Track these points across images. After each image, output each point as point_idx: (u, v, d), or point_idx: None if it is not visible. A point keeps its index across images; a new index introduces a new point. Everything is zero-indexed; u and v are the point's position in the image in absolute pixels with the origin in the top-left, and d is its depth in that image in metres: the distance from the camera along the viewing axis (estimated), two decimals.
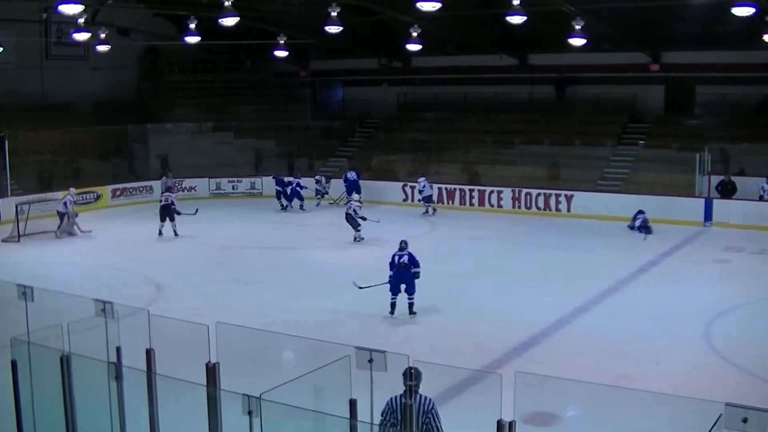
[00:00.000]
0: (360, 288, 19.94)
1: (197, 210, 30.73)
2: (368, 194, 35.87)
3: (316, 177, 37.99)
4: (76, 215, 30.65)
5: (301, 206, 35.60)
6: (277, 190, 36.14)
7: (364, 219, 28.91)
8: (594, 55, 36.44)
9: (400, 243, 19.69)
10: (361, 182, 36.80)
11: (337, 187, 37.46)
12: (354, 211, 28.90)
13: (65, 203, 30.05)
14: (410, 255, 19.36)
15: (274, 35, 36.36)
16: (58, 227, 29.85)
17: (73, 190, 31.61)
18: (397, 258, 19.36)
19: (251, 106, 46.06)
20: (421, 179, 35.03)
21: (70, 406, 10.08)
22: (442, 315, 19.50)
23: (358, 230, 28.75)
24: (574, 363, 15.38)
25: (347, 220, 28.82)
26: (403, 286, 19.23)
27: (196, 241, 29.55)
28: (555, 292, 21.40)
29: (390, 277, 19.38)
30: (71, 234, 29.96)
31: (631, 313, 19.42)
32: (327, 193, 37.37)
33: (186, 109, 45.68)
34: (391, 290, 19.29)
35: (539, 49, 39.52)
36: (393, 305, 19.19)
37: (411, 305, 19.18)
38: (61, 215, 29.88)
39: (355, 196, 32.33)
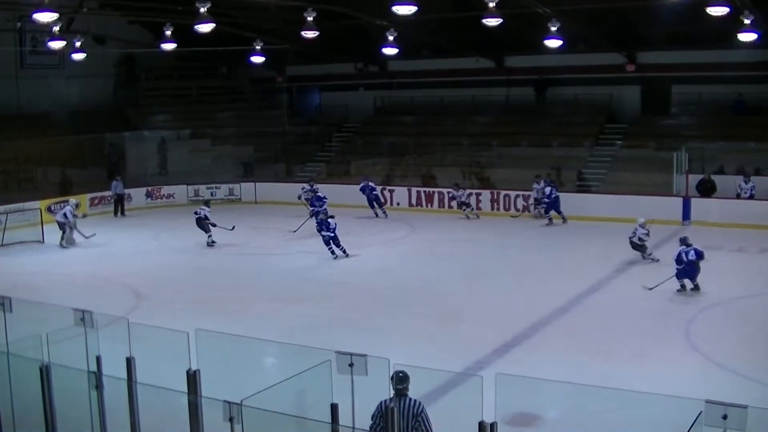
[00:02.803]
0: (649, 289, 20.58)
1: (234, 227, 30.39)
2: (347, 199, 35.95)
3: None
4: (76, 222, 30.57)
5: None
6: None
7: (214, 225, 29.11)
8: (570, 57, 36.60)
9: (683, 239, 20.89)
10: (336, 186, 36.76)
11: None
12: (205, 216, 29.11)
13: (65, 214, 29.88)
14: (696, 250, 20.38)
15: (250, 41, 36.35)
16: (62, 238, 29.69)
17: (71, 200, 31.52)
18: (684, 254, 20.34)
19: (228, 112, 46.03)
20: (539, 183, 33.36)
21: (50, 416, 10.04)
22: (422, 318, 19.49)
23: (210, 236, 29.14)
24: (554, 363, 15.41)
25: (198, 225, 29.19)
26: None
27: (175, 248, 29.46)
28: (535, 293, 21.45)
29: (678, 271, 20.48)
30: (73, 244, 29.78)
31: (611, 312, 19.50)
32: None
33: (163, 116, 45.59)
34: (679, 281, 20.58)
35: (516, 51, 39.66)
36: (683, 286, 20.65)
37: (697, 286, 20.60)
38: (62, 225, 29.73)
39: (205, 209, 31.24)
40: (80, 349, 10.11)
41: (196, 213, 29.55)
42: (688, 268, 20.36)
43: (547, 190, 31.95)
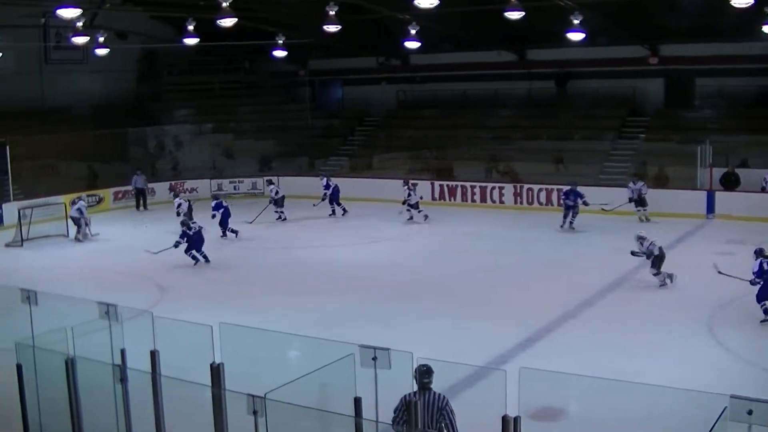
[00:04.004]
0: (720, 273, 19.01)
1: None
2: (370, 193, 36.02)
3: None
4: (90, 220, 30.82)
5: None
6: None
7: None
8: (592, 50, 36.37)
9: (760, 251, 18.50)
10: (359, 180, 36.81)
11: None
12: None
13: (79, 209, 30.10)
14: None
15: (272, 35, 36.34)
16: (78, 232, 29.93)
17: (84, 195, 31.73)
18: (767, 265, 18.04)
19: (250, 106, 46.02)
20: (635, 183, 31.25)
21: (75, 408, 10.10)
22: (444, 311, 19.49)
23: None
24: (577, 358, 15.38)
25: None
26: None
27: None
28: (557, 287, 21.40)
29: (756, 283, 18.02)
30: (88, 238, 29.98)
31: (634, 307, 19.43)
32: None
33: (185, 111, 45.70)
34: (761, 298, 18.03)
35: (537, 45, 39.51)
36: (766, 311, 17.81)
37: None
38: (76, 221, 29.91)
39: None
40: (105, 343, 10.15)
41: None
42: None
43: (644, 189, 30.69)
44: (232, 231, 29.69)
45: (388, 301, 20.61)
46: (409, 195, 32.42)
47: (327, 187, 33.96)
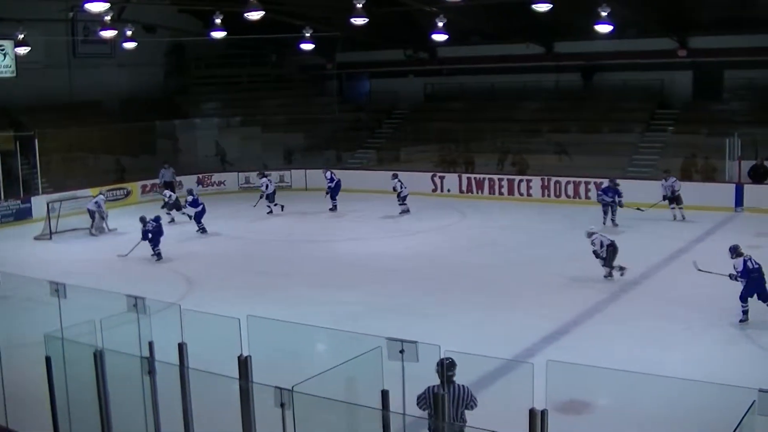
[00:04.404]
0: (699, 270, 18.76)
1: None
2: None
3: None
4: (107, 215, 30.98)
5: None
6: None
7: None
8: (620, 42, 36.13)
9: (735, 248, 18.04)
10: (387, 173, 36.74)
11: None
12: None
13: (96, 202, 30.29)
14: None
15: (300, 28, 36.33)
16: (92, 225, 30.10)
17: (104, 190, 31.95)
18: (751, 264, 17.57)
19: (278, 99, 46.03)
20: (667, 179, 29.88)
21: (104, 400, 10.15)
22: (471, 304, 19.49)
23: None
24: (604, 351, 15.34)
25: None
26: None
27: (226, 235, 29.64)
28: (586, 279, 21.34)
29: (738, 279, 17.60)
30: (102, 232, 30.17)
31: (661, 300, 19.34)
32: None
33: (213, 104, 45.84)
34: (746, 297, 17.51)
35: (565, 37, 39.35)
36: (745, 312, 17.38)
37: None
38: (91, 214, 30.09)
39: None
40: (133, 335, 10.20)
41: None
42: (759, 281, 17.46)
43: (676, 185, 29.45)
44: (203, 230, 29.73)
45: (417, 294, 20.61)
46: (401, 188, 32.57)
47: (331, 180, 33.99)
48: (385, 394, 8.45)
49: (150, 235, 25.83)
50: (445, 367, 9.30)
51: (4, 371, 12.09)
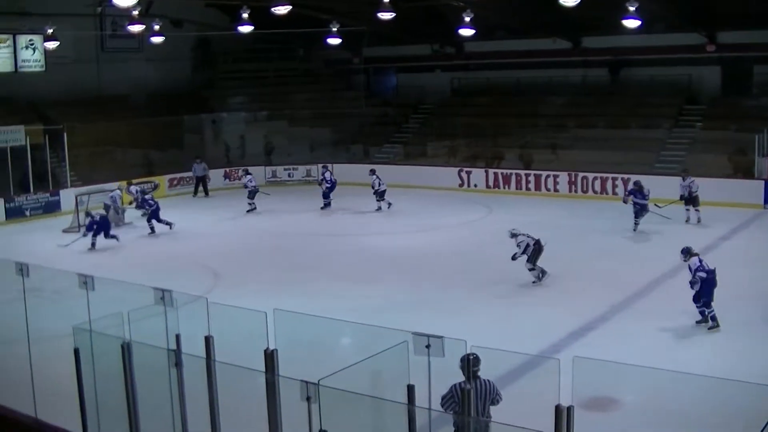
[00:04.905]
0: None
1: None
2: (425, 180, 36.07)
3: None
4: (125, 210, 31.16)
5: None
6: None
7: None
8: (648, 37, 35.95)
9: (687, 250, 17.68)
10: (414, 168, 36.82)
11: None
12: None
13: (113, 197, 30.45)
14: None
15: (326, 23, 36.40)
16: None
17: (123, 185, 32.16)
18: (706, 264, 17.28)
19: (305, 94, 46.08)
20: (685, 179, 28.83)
21: (131, 392, 10.21)
22: (497, 299, 19.49)
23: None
24: (631, 348, 15.29)
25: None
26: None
27: (253, 229, 29.76)
28: (612, 276, 21.28)
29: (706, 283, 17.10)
30: (118, 225, 30.27)
31: (688, 297, 19.21)
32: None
33: (240, 98, 45.96)
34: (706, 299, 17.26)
35: (592, 32, 39.16)
36: (713, 317, 16.99)
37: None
38: (106, 207, 30.20)
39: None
40: (160, 328, 10.23)
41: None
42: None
43: (694, 186, 28.30)
44: (152, 229, 29.53)
45: (444, 288, 20.63)
46: (380, 184, 32.46)
47: (329, 181, 33.66)
48: (410, 389, 8.45)
49: (95, 227, 26.69)
50: (470, 363, 9.30)
51: (33, 363, 12.20)
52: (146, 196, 30.51)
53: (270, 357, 8.88)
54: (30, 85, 37.39)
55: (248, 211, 32.85)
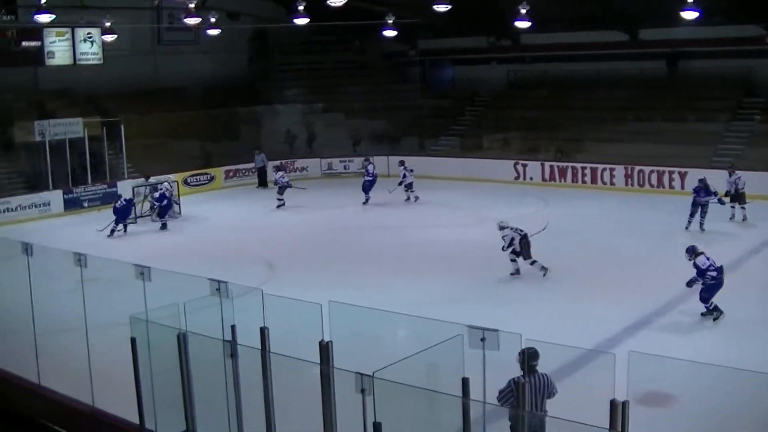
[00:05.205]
0: None
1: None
2: (480, 173, 35.97)
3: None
4: (177, 202, 31.51)
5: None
6: None
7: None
8: (706, 29, 35.50)
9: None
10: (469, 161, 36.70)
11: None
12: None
13: (161, 191, 30.56)
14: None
15: (382, 15, 36.33)
16: (153, 212, 30.70)
17: (172, 178, 32.48)
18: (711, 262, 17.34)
19: (360, 86, 46.09)
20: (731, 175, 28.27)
21: (187, 382, 10.30)
22: (554, 293, 19.40)
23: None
24: (687, 343, 15.16)
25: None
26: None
27: (308, 221, 29.86)
28: (668, 271, 21.01)
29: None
30: (172, 217, 30.51)
31: (743, 294, 18.97)
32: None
33: (296, 90, 46.09)
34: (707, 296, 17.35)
35: (650, 24, 38.74)
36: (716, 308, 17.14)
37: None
38: (152, 202, 30.49)
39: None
40: (215, 319, 10.32)
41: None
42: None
43: (740, 182, 27.63)
44: (164, 226, 29.62)
45: (500, 281, 20.59)
46: (404, 176, 32.49)
47: (371, 174, 33.39)
48: (465, 382, 8.43)
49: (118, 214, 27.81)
50: (528, 357, 9.28)
51: (91, 352, 12.35)
52: (163, 192, 30.46)
53: (325, 349, 8.91)
54: (88, 77, 37.80)
55: (278, 207, 32.61)
